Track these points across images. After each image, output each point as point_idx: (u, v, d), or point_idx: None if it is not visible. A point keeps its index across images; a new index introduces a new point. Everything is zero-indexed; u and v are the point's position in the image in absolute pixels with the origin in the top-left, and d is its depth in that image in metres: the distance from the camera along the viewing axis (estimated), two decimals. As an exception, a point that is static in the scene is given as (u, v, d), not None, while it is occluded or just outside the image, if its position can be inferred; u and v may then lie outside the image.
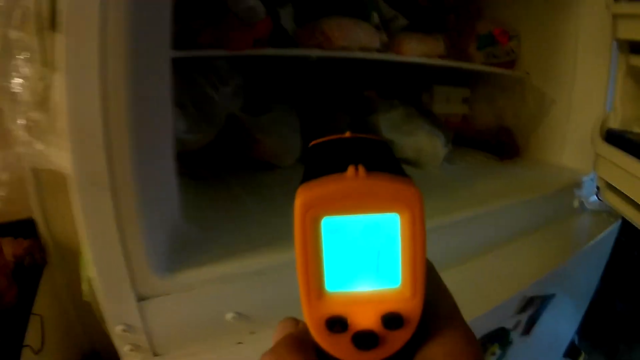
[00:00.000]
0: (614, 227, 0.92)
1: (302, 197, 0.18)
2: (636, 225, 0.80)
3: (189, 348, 0.45)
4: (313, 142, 0.24)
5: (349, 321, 0.19)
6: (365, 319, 0.19)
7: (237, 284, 0.44)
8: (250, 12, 0.64)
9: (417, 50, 0.80)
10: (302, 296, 0.19)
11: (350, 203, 0.18)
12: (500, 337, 0.79)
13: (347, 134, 0.23)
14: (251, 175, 0.68)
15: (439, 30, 0.88)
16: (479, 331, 0.70)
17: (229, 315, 0.44)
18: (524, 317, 0.82)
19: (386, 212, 0.19)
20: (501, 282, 0.70)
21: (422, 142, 0.82)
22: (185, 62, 0.60)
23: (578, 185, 0.92)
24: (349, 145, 0.23)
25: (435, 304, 0.21)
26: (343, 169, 0.18)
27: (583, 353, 1.25)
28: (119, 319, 0.43)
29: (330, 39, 0.70)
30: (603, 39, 0.88)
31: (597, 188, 0.92)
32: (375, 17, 0.77)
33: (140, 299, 0.43)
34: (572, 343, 1.36)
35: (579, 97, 0.94)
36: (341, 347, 0.19)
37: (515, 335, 0.84)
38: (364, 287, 0.19)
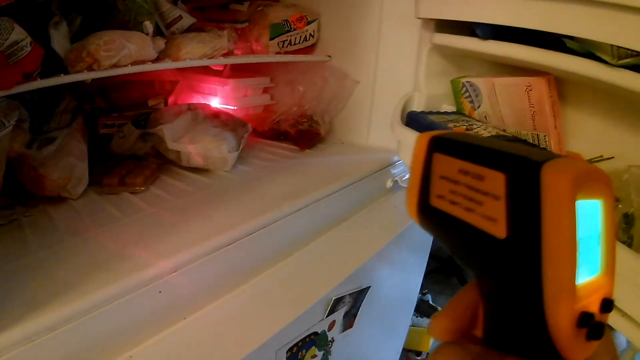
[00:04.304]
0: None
1: (573, 174, 0.17)
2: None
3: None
4: (433, 135, 0.23)
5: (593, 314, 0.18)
6: (595, 308, 0.19)
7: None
8: (14, 47, 0.65)
9: (197, 53, 0.81)
10: (552, 295, 0.17)
11: (592, 186, 0.18)
12: (315, 341, 0.76)
13: (459, 129, 0.21)
14: (48, 213, 0.65)
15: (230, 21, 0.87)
16: (285, 339, 0.66)
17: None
18: (339, 316, 0.79)
19: (597, 198, 0.19)
20: (304, 286, 0.63)
21: (207, 149, 0.79)
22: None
23: (390, 164, 0.92)
24: (487, 138, 0.23)
25: None
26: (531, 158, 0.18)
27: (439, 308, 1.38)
28: None
29: (97, 60, 0.72)
30: (409, 17, 0.84)
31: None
32: (148, 26, 0.79)
33: None
34: (426, 303, 1.50)
35: (384, 77, 0.91)
36: (581, 345, 0.18)
37: (335, 334, 0.81)
38: (588, 275, 0.19)
